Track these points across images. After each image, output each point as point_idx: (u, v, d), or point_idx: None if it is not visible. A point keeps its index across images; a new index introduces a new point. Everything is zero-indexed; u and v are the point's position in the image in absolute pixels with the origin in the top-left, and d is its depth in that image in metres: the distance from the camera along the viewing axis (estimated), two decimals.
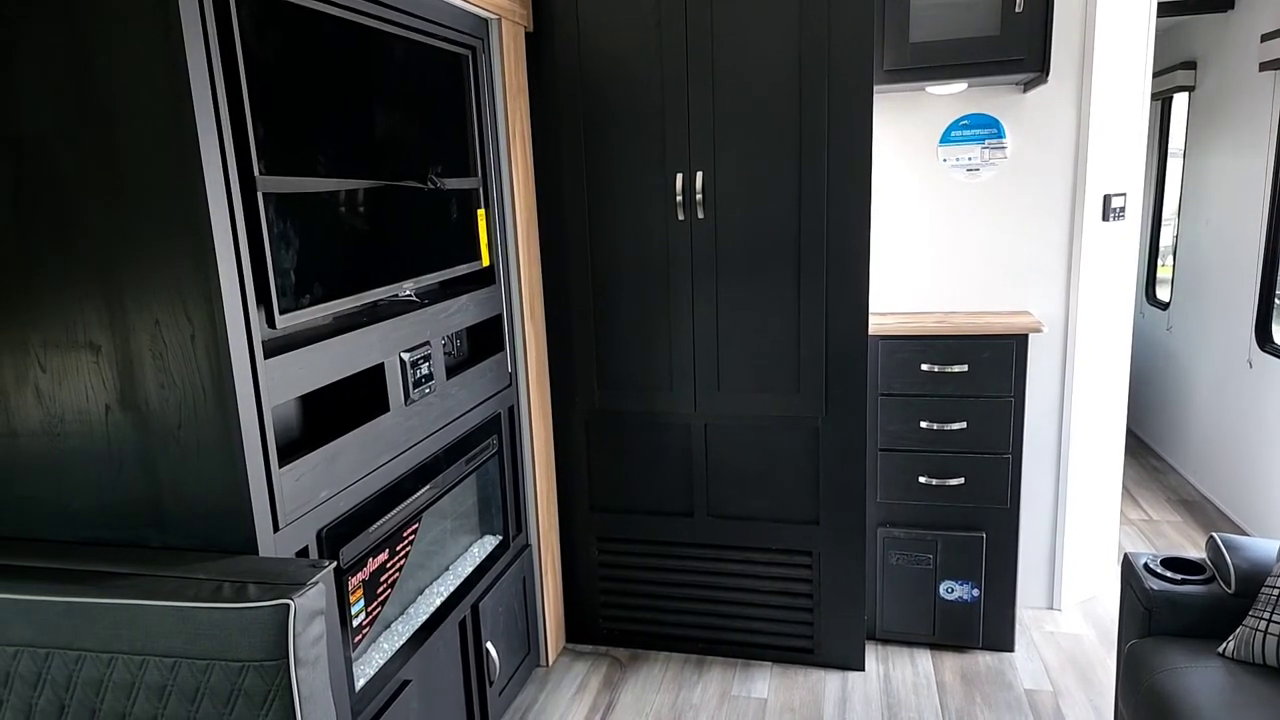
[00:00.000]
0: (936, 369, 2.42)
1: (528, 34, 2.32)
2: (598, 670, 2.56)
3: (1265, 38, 3.14)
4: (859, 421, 2.33)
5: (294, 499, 1.46)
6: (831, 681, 2.45)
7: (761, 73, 2.20)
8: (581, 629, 2.70)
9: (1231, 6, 3.50)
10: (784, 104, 2.20)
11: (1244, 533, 3.32)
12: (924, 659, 2.55)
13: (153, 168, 1.27)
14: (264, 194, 1.37)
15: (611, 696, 2.43)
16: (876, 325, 2.47)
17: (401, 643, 1.83)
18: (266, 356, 1.39)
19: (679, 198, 2.32)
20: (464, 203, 2.09)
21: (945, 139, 2.62)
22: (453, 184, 2.02)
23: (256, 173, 1.35)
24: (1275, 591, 1.65)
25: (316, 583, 1.26)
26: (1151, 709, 1.63)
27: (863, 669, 2.50)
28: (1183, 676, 1.63)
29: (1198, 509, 3.62)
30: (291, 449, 1.52)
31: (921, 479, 2.49)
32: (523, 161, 2.32)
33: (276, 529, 1.42)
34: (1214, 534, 1.88)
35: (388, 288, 1.75)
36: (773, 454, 2.43)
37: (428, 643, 1.92)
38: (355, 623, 1.67)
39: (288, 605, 1.20)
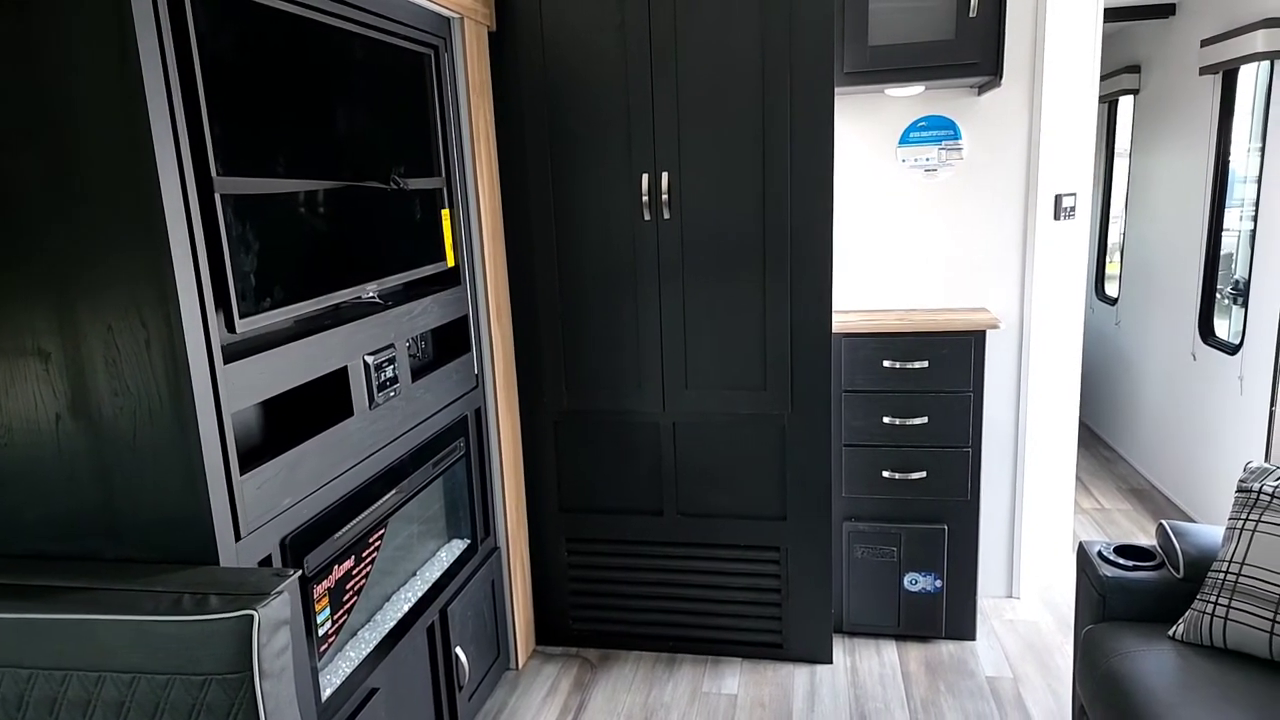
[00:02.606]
0: (898, 365, 2.46)
1: (491, 33, 2.31)
2: (568, 672, 2.55)
3: (1205, 43, 3.26)
4: (824, 418, 2.36)
5: (256, 507, 1.43)
6: (800, 675, 2.48)
7: (725, 74, 2.22)
8: (552, 631, 2.69)
9: (1173, 13, 3.63)
10: (747, 105, 2.22)
11: (1191, 519, 3.44)
12: (890, 650, 2.59)
13: (105, 169, 1.23)
14: (221, 195, 1.34)
15: (582, 697, 2.42)
16: (839, 323, 2.50)
17: (369, 650, 1.80)
18: (226, 361, 1.36)
19: (645, 198, 2.32)
20: (428, 203, 2.06)
21: (904, 140, 2.66)
22: (416, 184, 1.99)
23: (214, 173, 1.32)
24: (1221, 576, 1.71)
25: (281, 592, 1.23)
26: (1108, 692, 1.69)
27: (830, 662, 2.53)
28: (1136, 660, 1.69)
29: (1147, 497, 3.74)
30: (253, 456, 1.48)
31: (885, 473, 2.53)
32: (487, 161, 2.30)
33: (238, 538, 1.39)
34: (1163, 521, 1.94)
35: (350, 290, 1.72)
36: (740, 451, 2.45)
37: (395, 649, 1.89)
38: (321, 631, 1.64)
39: (251, 616, 1.18)
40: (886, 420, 2.50)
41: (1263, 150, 2.97)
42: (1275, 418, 2.85)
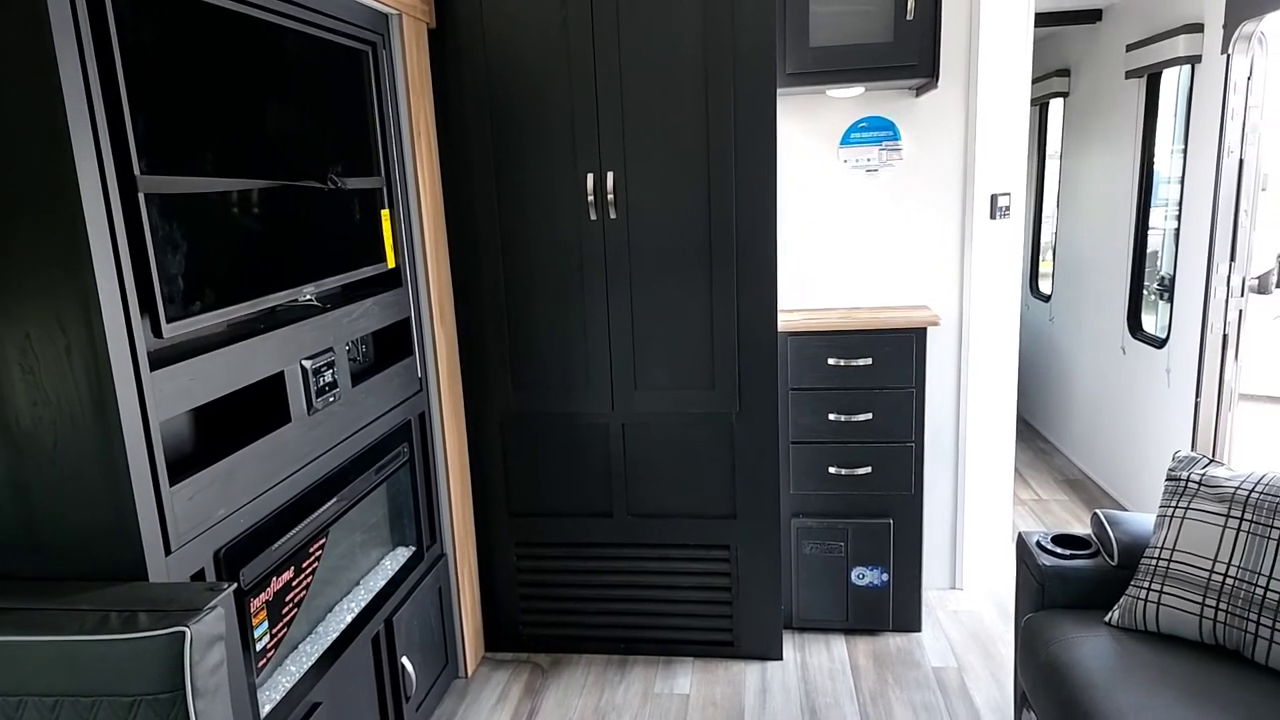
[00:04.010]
0: (843, 363, 2.50)
1: (431, 30, 2.26)
2: (519, 678, 2.52)
3: (1130, 47, 3.39)
4: (771, 416, 2.38)
5: (187, 519, 1.38)
6: (751, 673, 2.50)
7: (669, 73, 2.22)
8: (501, 637, 2.65)
9: (1100, 18, 3.76)
10: (691, 106, 2.23)
11: (1123, 508, 3.58)
12: (839, 644, 2.63)
13: (19, 167, 1.16)
14: (146, 194, 1.28)
15: (533, 704, 2.40)
16: (785, 322, 2.53)
17: (310, 664, 1.75)
18: (153, 368, 1.30)
19: (591, 197, 2.31)
20: (367, 203, 2.02)
21: (845, 140, 2.71)
22: (354, 184, 1.94)
23: (137, 172, 1.26)
24: (1153, 562, 1.78)
25: (214, 607, 1.19)
26: (1047, 678, 1.74)
27: (781, 658, 2.55)
28: (1075, 646, 1.74)
29: (1081, 487, 3.87)
30: (184, 466, 1.42)
31: (831, 469, 2.57)
32: (428, 160, 2.26)
33: (168, 552, 1.33)
34: (1097, 511, 2.01)
35: (287, 292, 1.67)
36: (690, 451, 2.45)
37: (339, 662, 1.84)
38: (259, 646, 1.58)
39: (183, 633, 1.13)
40: (832, 417, 2.53)
41: (1185, 151, 3.10)
42: (1201, 408, 2.98)
